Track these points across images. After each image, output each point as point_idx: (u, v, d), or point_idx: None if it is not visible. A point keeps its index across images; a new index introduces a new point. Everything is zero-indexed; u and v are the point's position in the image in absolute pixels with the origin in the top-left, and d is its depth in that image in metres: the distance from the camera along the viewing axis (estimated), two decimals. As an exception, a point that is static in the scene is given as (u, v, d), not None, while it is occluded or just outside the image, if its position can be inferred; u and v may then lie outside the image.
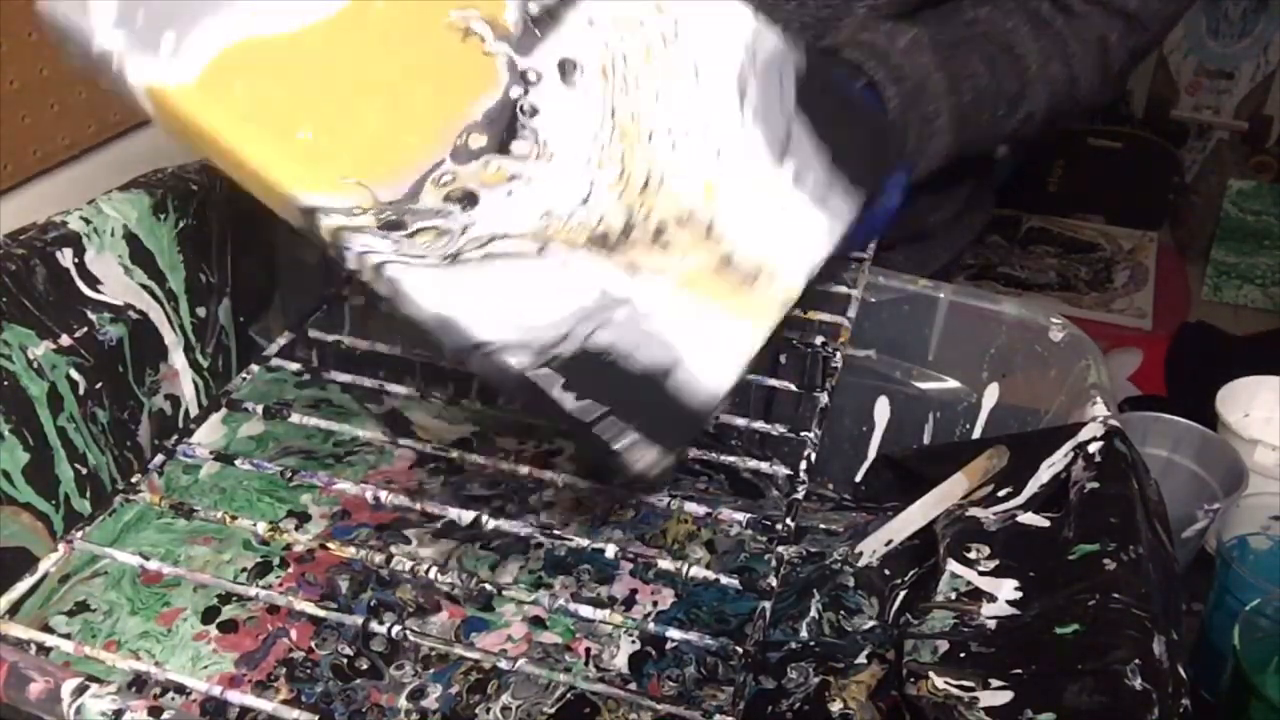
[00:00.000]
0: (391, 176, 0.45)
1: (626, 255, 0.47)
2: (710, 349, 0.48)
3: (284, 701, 0.51)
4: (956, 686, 0.45)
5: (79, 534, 0.54)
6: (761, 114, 0.50)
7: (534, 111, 0.47)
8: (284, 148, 0.44)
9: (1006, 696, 0.44)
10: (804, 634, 0.55)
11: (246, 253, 0.67)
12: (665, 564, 0.48)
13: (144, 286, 0.61)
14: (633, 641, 0.55)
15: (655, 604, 0.58)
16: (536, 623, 0.56)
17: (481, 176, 0.45)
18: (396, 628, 0.52)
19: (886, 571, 0.57)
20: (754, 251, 0.49)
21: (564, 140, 0.47)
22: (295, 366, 0.61)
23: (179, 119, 0.44)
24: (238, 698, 0.48)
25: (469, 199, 0.45)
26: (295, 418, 0.61)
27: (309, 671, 0.53)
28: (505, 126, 0.46)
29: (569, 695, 0.52)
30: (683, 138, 0.49)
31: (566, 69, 0.47)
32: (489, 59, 0.46)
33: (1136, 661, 0.42)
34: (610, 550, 0.47)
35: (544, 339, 0.45)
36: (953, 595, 0.50)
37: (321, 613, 0.52)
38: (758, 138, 0.50)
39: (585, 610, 0.45)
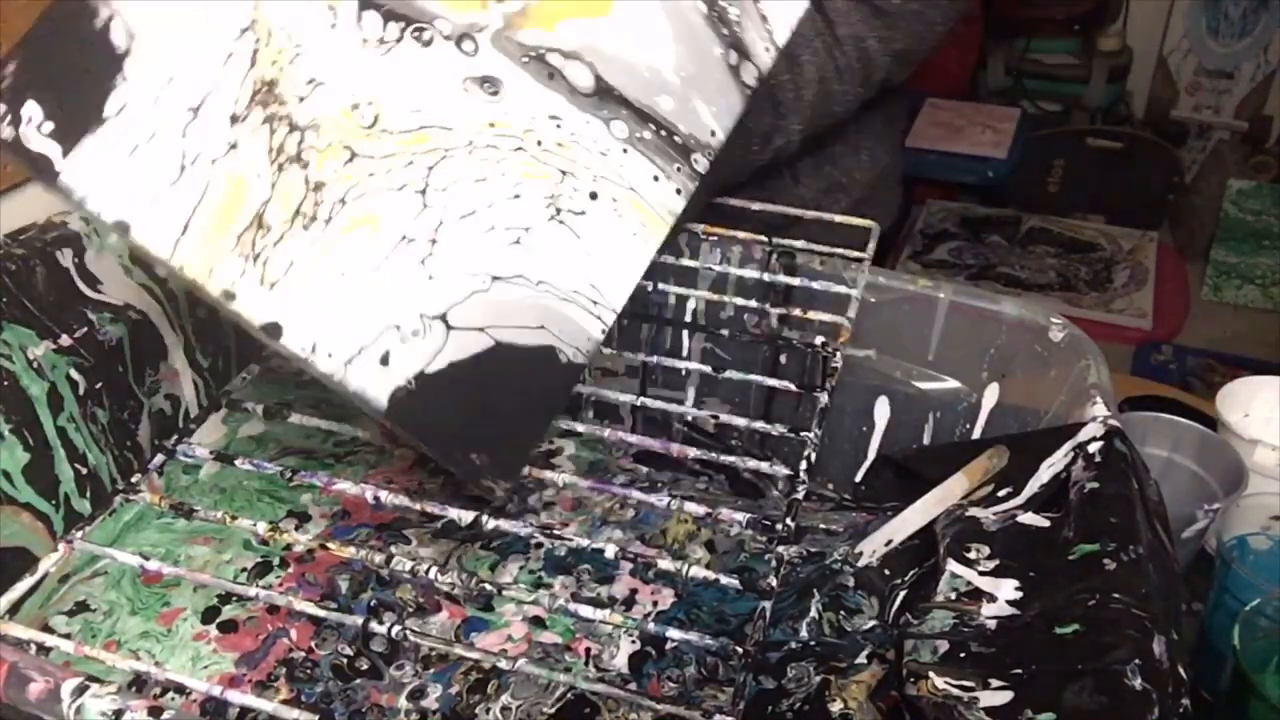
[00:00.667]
0: None
1: None
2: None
3: (284, 701, 0.51)
4: (956, 686, 0.45)
5: (79, 534, 0.54)
6: None
7: None
8: None
9: (1006, 696, 0.44)
10: (804, 634, 0.55)
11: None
12: (665, 564, 0.48)
13: (144, 286, 0.61)
14: (633, 641, 0.55)
15: (655, 604, 0.58)
16: (536, 623, 0.56)
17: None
18: (396, 628, 0.52)
19: (886, 571, 0.57)
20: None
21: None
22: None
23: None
24: (238, 698, 0.48)
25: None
26: (295, 418, 0.61)
27: (309, 671, 0.53)
28: None
29: (569, 695, 0.52)
30: None
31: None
32: None
33: (1136, 661, 0.42)
34: (610, 550, 0.47)
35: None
36: (953, 595, 0.50)
37: (321, 613, 0.52)
38: None
39: (585, 610, 0.45)
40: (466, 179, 0.43)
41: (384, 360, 0.42)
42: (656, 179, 0.45)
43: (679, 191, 0.46)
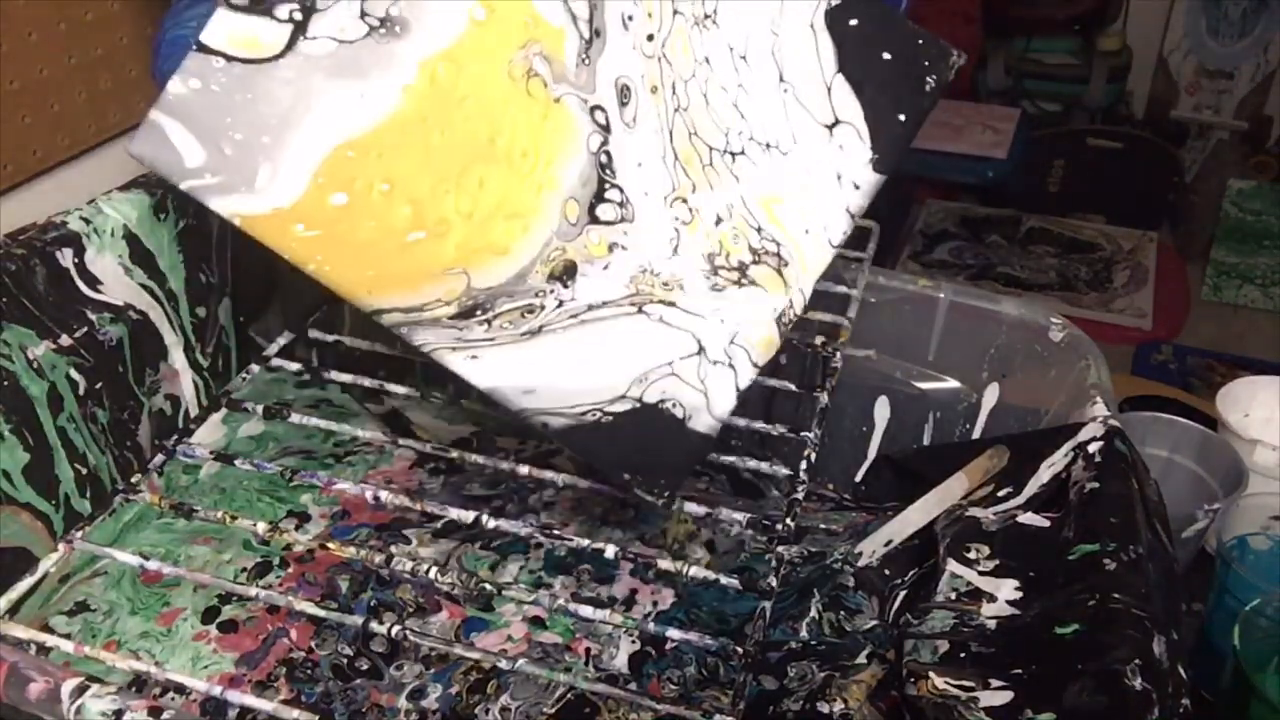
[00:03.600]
0: (496, 261, 0.46)
1: (717, 301, 0.48)
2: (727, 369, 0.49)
3: (284, 701, 0.51)
4: (956, 686, 0.45)
5: (79, 534, 0.53)
6: (802, 90, 0.49)
7: (610, 162, 0.47)
8: (387, 254, 0.46)
9: (1006, 696, 0.44)
10: (804, 634, 0.55)
11: (246, 253, 0.67)
12: (665, 564, 0.48)
13: (144, 286, 0.61)
14: (633, 641, 0.55)
15: (655, 604, 0.58)
16: (536, 623, 0.56)
17: (586, 249, 0.47)
18: (396, 628, 0.52)
19: (886, 571, 0.57)
20: (805, 259, 0.50)
21: (640, 189, 0.48)
22: (295, 366, 0.61)
23: (270, 240, 0.45)
24: (238, 698, 0.48)
25: (569, 272, 0.47)
26: (295, 418, 0.61)
27: (309, 671, 0.53)
28: (595, 190, 0.47)
29: (569, 695, 0.52)
30: (738, 149, 0.49)
31: (624, 95, 0.48)
32: (560, 106, 0.47)
33: (1136, 661, 0.42)
34: (610, 550, 0.47)
35: (597, 399, 0.46)
36: (953, 595, 0.50)
37: (321, 613, 0.52)
38: (805, 125, 0.49)
39: (585, 610, 0.45)
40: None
41: (579, 412, 0.47)
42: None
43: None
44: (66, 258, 0.57)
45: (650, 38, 0.48)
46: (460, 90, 0.46)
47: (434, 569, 0.54)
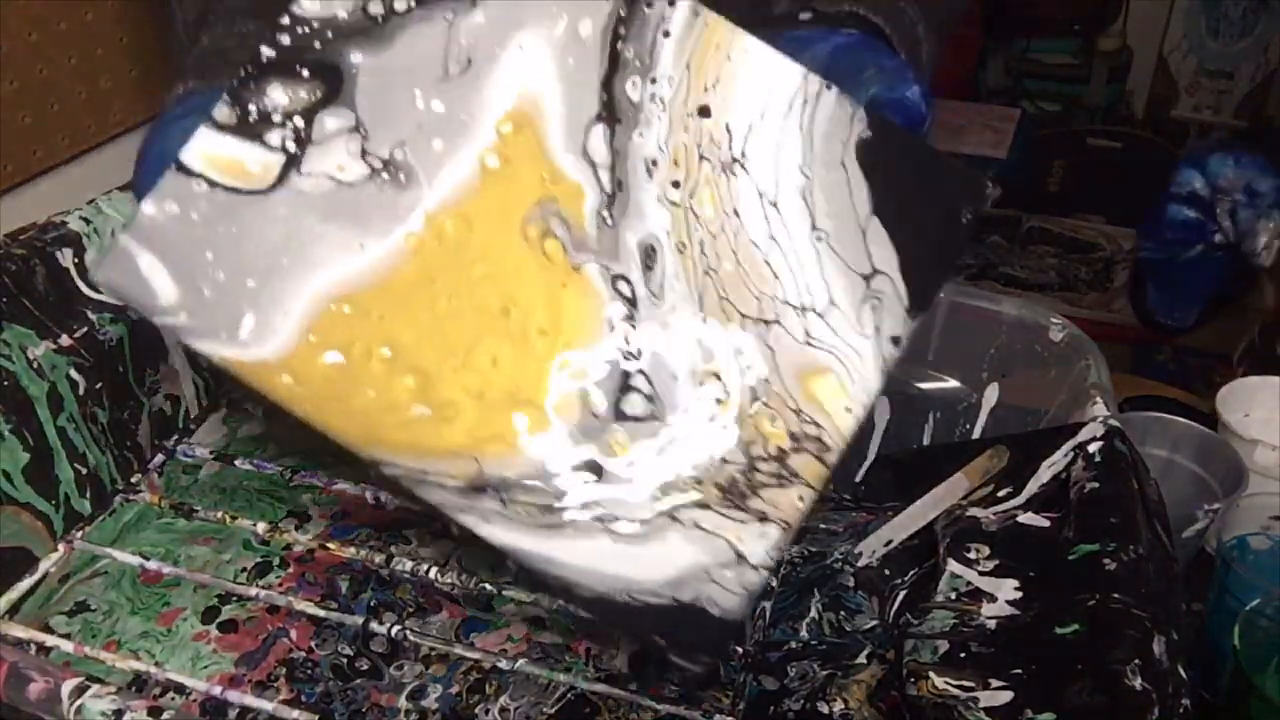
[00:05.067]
0: (509, 453, 0.41)
1: (755, 502, 0.43)
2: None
3: (284, 701, 0.51)
4: (956, 686, 0.45)
5: (79, 534, 0.54)
6: (837, 238, 0.45)
7: (634, 344, 0.43)
8: (388, 426, 0.41)
9: (1006, 696, 0.44)
10: (804, 634, 0.55)
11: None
12: (665, 564, 0.47)
13: (144, 286, 0.61)
14: (633, 641, 0.55)
15: (655, 604, 0.58)
16: (536, 623, 0.56)
17: (611, 447, 0.42)
18: (396, 628, 0.52)
19: (886, 571, 0.57)
20: (845, 440, 0.45)
21: (668, 373, 0.43)
22: (295, 366, 0.61)
23: (253, 386, 0.41)
24: (238, 698, 0.48)
25: (593, 470, 0.42)
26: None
27: (309, 671, 0.53)
28: (619, 380, 0.43)
29: (569, 695, 0.52)
30: (771, 318, 0.44)
31: (649, 257, 0.43)
32: (580, 275, 0.43)
33: (1136, 661, 0.42)
34: (610, 551, 0.47)
35: (626, 588, 0.42)
36: (953, 595, 0.50)
37: (321, 613, 0.52)
38: (841, 279, 0.45)
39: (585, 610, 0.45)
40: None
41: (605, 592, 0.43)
42: None
43: None
44: (66, 258, 0.57)
45: (676, 184, 0.44)
46: (471, 251, 0.42)
47: (434, 569, 0.54)
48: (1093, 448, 0.53)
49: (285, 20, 0.41)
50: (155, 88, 0.85)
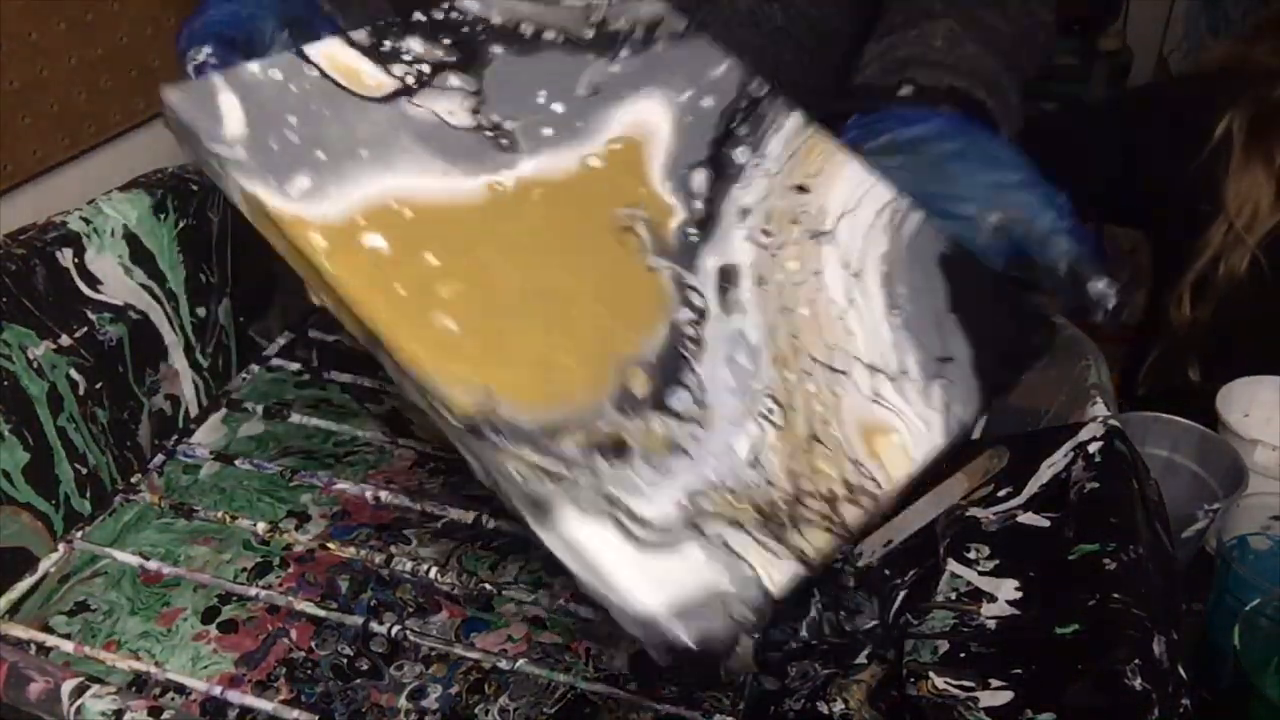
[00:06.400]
0: (530, 400, 0.38)
1: (794, 537, 0.39)
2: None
3: (284, 701, 0.51)
4: (956, 686, 0.45)
5: (79, 534, 0.54)
6: (915, 320, 0.45)
7: (696, 348, 0.41)
8: (413, 326, 0.39)
9: (1006, 696, 0.44)
10: (804, 634, 0.55)
11: (246, 253, 0.67)
12: (665, 564, 0.47)
13: (144, 286, 0.61)
14: (633, 641, 0.55)
15: (655, 604, 0.58)
16: (536, 623, 0.56)
17: (641, 438, 0.39)
18: (396, 628, 0.52)
19: (886, 571, 0.57)
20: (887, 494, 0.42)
21: (724, 384, 0.41)
22: (295, 366, 0.61)
23: (287, 243, 0.40)
24: (238, 698, 0.48)
25: (618, 450, 0.38)
26: (295, 418, 0.61)
27: (309, 671, 0.53)
28: (671, 370, 0.41)
29: (569, 695, 0.52)
30: (842, 368, 0.43)
31: (727, 281, 0.43)
32: (653, 275, 0.43)
33: (1136, 661, 0.42)
34: (610, 550, 0.47)
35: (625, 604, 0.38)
36: (953, 595, 0.50)
37: (321, 613, 0.52)
38: (910, 359, 0.44)
39: (585, 610, 0.45)
40: None
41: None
42: None
43: None
44: (66, 258, 0.57)
45: (767, 233, 0.45)
46: (550, 220, 0.42)
47: (434, 569, 0.54)
48: (1093, 448, 0.53)
49: (445, 3, 0.46)
50: (155, 88, 0.86)
